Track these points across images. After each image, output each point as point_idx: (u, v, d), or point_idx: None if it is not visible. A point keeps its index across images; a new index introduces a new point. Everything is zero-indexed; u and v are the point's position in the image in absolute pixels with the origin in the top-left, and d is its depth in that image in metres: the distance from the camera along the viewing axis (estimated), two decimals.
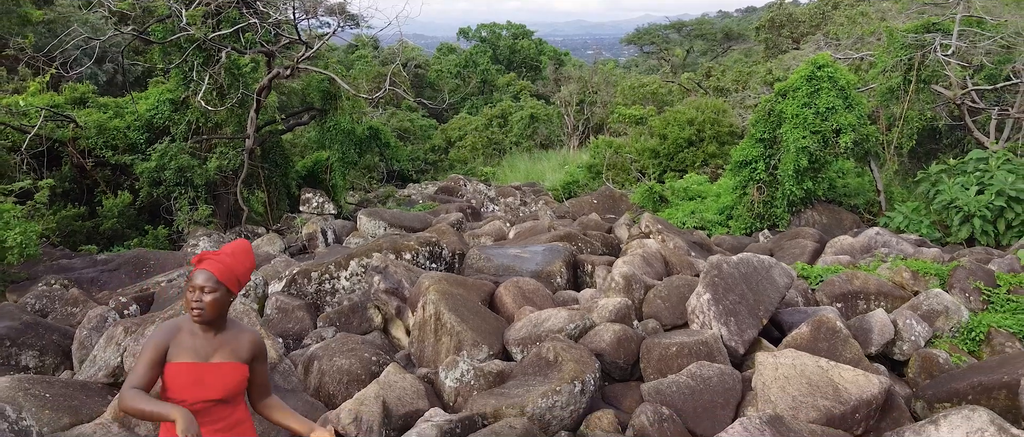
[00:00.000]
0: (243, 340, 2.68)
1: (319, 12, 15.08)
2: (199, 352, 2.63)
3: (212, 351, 2.63)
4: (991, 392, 4.86)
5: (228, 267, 2.62)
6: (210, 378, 2.59)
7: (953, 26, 11.74)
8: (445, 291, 5.86)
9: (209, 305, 2.57)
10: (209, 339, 2.64)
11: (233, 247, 2.72)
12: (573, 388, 4.64)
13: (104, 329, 6.40)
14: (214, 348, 2.64)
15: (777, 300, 5.76)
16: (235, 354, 2.66)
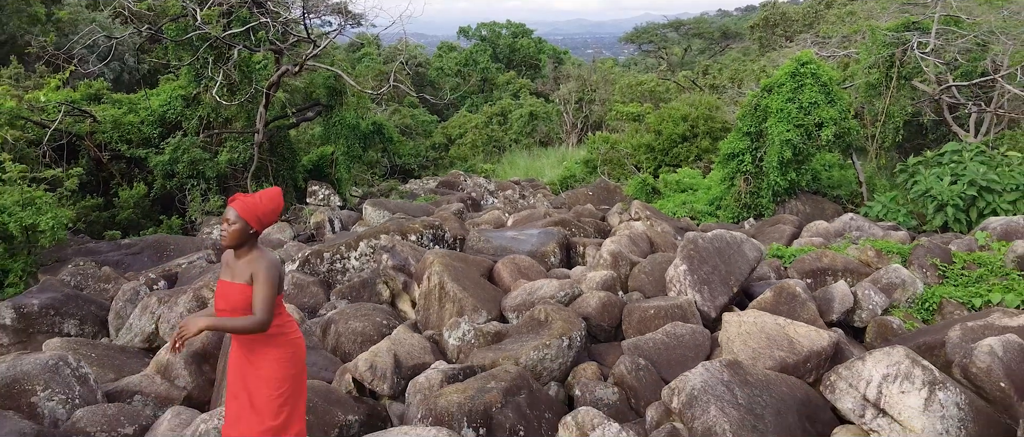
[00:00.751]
0: (252, 265, 3.32)
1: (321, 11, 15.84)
2: (228, 273, 3.34)
3: (235, 273, 3.33)
4: (933, 349, 5.57)
5: (251, 206, 3.31)
6: (222, 293, 3.28)
7: (932, 25, 12.46)
8: (448, 264, 6.59)
9: (231, 234, 3.27)
10: (236, 263, 3.33)
11: (263, 192, 3.42)
12: (561, 343, 5.36)
13: (137, 301, 7.14)
14: (236, 271, 3.33)
15: (747, 271, 6.49)
16: (242, 277, 3.31)
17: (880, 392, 4.16)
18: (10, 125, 11.91)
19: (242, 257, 3.31)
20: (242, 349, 3.31)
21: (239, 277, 3.28)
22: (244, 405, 3.35)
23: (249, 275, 3.25)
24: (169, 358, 5.58)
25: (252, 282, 3.23)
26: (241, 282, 3.27)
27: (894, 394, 4.11)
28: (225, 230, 3.25)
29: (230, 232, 3.25)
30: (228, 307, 3.25)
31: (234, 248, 3.31)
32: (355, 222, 12.18)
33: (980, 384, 4.34)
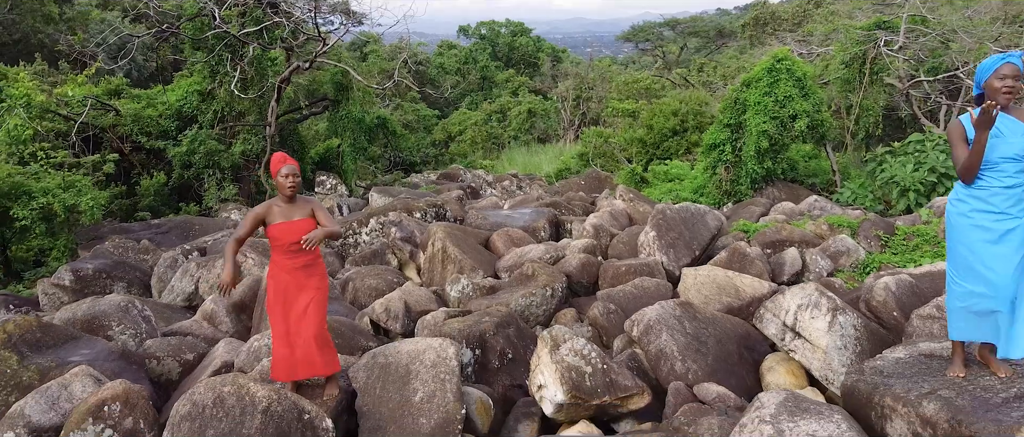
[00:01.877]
0: (309, 204, 4.47)
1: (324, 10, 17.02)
2: (286, 216, 4.47)
3: (293, 214, 4.46)
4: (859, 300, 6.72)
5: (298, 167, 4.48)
6: (294, 229, 4.41)
7: (900, 24, 13.63)
8: (450, 232, 7.76)
9: (296, 185, 4.42)
10: (289, 208, 4.46)
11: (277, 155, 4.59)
12: (545, 292, 6.52)
13: (177, 267, 8.31)
14: (293, 212, 4.46)
15: (708, 238, 7.65)
16: (303, 214, 4.45)
17: (796, 318, 5.31)
18: (40, 118, 13.10)
19: (296, 202, 4.47)
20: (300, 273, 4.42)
21: (300, 215, 4.42)
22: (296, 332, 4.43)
23: (310, 210, 4.42)
24: (213, 307, 6.74)
25: (313, 215, 4.40)
26: (304, 218, 4.41)
27: (806, 319, 5.26)
28: (293, 183, 4.39)
29: (296, 184, 4.41)
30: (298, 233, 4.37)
31: (290, 198, 4.45)
32: (362, 209, 13.34)
33: (878, 314, 5.50)
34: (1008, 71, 3.37)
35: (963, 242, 3.45)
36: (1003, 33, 13.79)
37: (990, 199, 3.36)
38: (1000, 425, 3.04)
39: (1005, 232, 3.33)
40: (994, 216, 3.35)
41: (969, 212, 3.42)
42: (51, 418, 4.39)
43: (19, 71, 14.09)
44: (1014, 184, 3.32)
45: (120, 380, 4.41)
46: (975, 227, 3.40)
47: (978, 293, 3.39)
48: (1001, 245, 3.34)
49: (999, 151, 3.34)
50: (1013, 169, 3.33)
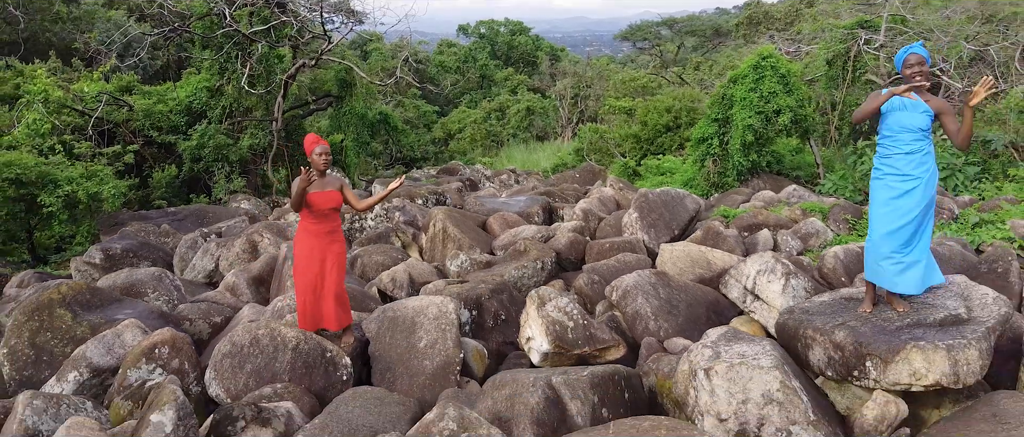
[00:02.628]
0: (337, 180, 5.30)
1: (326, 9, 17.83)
2: (321, 187, 5.26)
3: (326, 186, 5.26)
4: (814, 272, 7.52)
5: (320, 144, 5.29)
6: (327, 198, 5.21)
7: (882, 23, 14.43)
8: (450, 214, 8.57)
9: (328, 162, 5.21)
10: (322, 182, 5.27)
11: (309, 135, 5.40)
12: (536, 265, 7.33)
13: (197, 248, 9.12)
14: (326, 185, 5.26)
15: (687, 219, 8.46)
16: (335, 187, 5.26)
17: (755, 282, 6.12)
18: (57, 113, 13.92)
19: (326, 177, 5.28)
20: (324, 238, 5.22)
21: (332, 188, 5.22)
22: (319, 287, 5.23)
23: (339, 185, 5.23)
24: (234, 280, 7.55)
25: (342, 190, 5.22)
26: (335, 190, 5.21)
27: (763, 283, 6.06)
28: (326, 160, 5.19)
29: (328, 160, 5.21)
30: (334, 203, 5.18)
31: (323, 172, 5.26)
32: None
33: (828, 278, 6.30)
34: (913, 59, 4.20)
35: (877, 198, 4.27)
36: (979, 32, 14.61)
37: (895, 163, 4.19)
38: (890, 345, 3.85)
39: (908, 190, 4.15)
40: (898, 177, 4.17)
41: (881, 175, 4.25)
42: (108, 360, 5.19)
43: (37, 68, 14.91)
44: (912, 151, 4.15)
45: (167, 328, 5.22)
46: (885, 186, 4.23)
47: (883, 239, 4.22)
48: (904, 199, 4.16)
49: (901, 122, 4.17)
50: (911, 138, 4.15)
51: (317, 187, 5.19)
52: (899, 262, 4.19)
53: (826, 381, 4.28)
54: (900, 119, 4.18)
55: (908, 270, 4.16)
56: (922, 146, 4.17)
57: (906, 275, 4.16)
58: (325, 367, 4.81)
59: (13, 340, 5.66)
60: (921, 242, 4.22)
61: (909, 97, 4.19)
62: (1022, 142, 13.49)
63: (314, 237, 5.17)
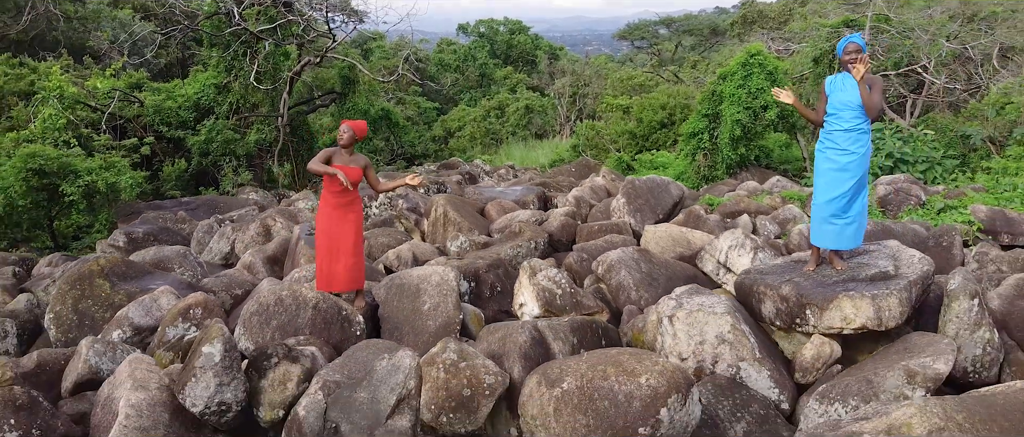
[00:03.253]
0: (360, 158, 6.03)
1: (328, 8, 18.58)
2: (344, 161, 5.98)
3: (349, 162, 5.98)
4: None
5: (356, 127, 6.01)
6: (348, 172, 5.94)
7: (866, 22, 15.18)
8: (450, 200, 9.30)
9: (349, 139, 5.93)
10: (347, 159, 5.99)
11: (360, 121, 6.12)
12: (530, 244, 8.05)
13: (213, 232, 9.85)
14: (350, 161, 5.99)
15: (671, 204, 9.19)
16: (356, 164, 5.99)
17: (727, 256, 6.84)
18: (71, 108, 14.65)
19: (352, 154, 6.01)
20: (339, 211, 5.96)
21: (355, 164, 5.95)
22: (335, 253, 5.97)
23: (363, 163, 5.96)
24: (251, 259, 8.28)
25: (363, 167, 5.93)
26: (356, 166, 5.94)
27: (734, 257, 6.79)
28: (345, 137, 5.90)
29: (348, 138, 5.93)
30: (355, 178, 5.90)
31: (347, 148, 5.98)
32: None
33: (794, 251, 7.03)
34: (852, 48, 4.94)
35: (820, 169, 5.02)
36: (960, 32, 15.36)
37: (836, 139, 4.93)
38: (826, 296, 4.59)
39: (845, 163, 4.90)
40: (838, 151, 4.92)
41: (824, 148, 5.00)
42: (147, 321, 5.92)
43: (51, 65, 15.65)
44: (850, 128, 4.89)
45: (199, 292, 5.95)
46: (827, 159, 4.98)
47: (825, 205, 4.96)
48: (842, 171, 4.90)
49: (841, 100, 4.91)
50: (851, 115, 4.89)
51: (340, 160, 5.93)
52: (837, 224, 4.93)
53: (776, 331, 5.01)
54: (841, 97, 4.93)
55: (846, 229, 4.91)
56: (859, 125, 4.90)
57: (844, 234, 4.91)
58: (341, 323, 5.54)
59: (58, 306, 6.39)
60: (856, 206, 4.97)
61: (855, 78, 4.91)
62: (999, 137, 14.25)
63: (333, 207, 5.91)
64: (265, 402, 4.30)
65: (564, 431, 3.67)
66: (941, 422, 2.71)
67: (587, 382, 3.74)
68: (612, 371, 3.76)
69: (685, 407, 3.71)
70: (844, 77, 4.97)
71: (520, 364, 4.29)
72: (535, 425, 3.79)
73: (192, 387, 4.08)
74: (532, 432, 3.82)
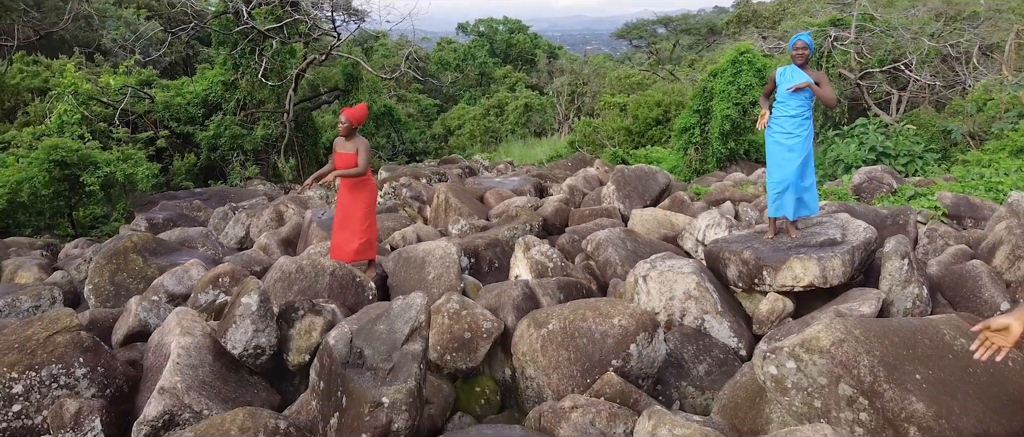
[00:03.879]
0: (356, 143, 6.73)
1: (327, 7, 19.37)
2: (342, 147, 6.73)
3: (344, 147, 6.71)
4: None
5: (352, 114, 6.76)
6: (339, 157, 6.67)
7: (852, 21, 15.95)
8: (452, 187, 10.06)
9: (344, 128, 6.68)
10: (346, 143, 6.73)
11: (359, 105, 6.88)
12: (525, 227, 8.81)
13: (228, 219, 10.61)
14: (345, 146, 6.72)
15: (658, 191, 9.95)
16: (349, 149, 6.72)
17: (704, 234, 7.60)
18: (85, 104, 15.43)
19: (350, 139, 6.76)
20: (348, 189, 6.73)
21: (346, 150, 6.71)
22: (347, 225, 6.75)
23: (355, 148, 6.71)
24: (267, 241, 9.04)
25: (356, 151, 6.68)
26: (347, 152, 6.70)
27: (710, 234, 7.55)
28: (341, 126, 6.66)
29: (344, 127, 6.69)
30: (343, 164, 6.66)
31: (346, 137, 6.74)
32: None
33: None
34: (800, 45, 5.69)
35: (770, 151, 5.78)
36: (942, 30, 16.13)
37: (783, 124, 5.69)
38: (780, 259, 5.35)
39: (792, 145, 5.66)
40: (784, 134, 5.68)
41: (772, 133, 5.76)
42: (180, 289, 6.68)
43: (65, 63, 16.42)
44: (795, 114, 5.65)
45: (227, 262, 6.71)
46: (775, 142, 5.73)
47: (777, 182, 5.72)
48: (789, 152, 5.66)
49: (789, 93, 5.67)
50: (795, 103, 5.65)
51: (341, 149, 6.70)
52: (790, 197, 5.70)
53: (740, 292, 5.77)
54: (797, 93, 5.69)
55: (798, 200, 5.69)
56: (803, 111, 5.66)
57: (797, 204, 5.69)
58: (355, 289, 6.29)
59: (96, 278, 7.15)
60: (805, 181, 5.74)
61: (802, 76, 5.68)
62: (980, 132, 15.02)
63: (347, 186, 6.69)
64: (293, 348, 5.06)
65: (549, 363, 4.42)
66: (842, 335, 3.46)
67: (569, 323, 4.50)
68: (590, 314, 4.52)
69: (651, 344, 4.46)
70: (793, 70, 5.73)
71: (513, 314, 5.04)
72: (525, 360, 4.55)
73: (232, 332, 4.84)
74: (523, 367, 4.57)
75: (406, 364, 3.87)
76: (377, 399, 3.63)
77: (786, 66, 5.86)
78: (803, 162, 5.71)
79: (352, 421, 3.74)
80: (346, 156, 6.69)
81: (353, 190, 6.75)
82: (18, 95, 16.35)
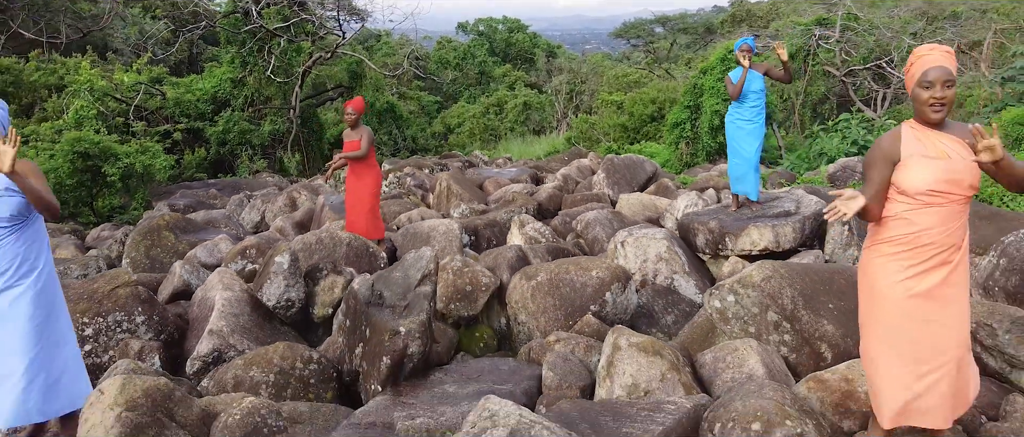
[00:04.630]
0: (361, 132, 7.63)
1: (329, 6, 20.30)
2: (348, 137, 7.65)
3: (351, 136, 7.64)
4: None
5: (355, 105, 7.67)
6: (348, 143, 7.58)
7: (837, 20, 16.88)
8: (453, 175, 10.98)
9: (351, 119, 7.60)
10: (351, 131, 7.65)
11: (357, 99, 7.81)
12: (521, 210, 9.72)
13: (243, 205, 11.52)
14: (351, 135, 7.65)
15: (644, 178, 10.87)
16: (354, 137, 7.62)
17: (682, 213, 8.50)
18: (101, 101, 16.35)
19: (355, 128, 7.66)
20: (355, 174, 7.64)
21: (352, 138, 7.62)
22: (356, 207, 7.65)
23: (360, 135, 7.62)
24: (282, 224, 9.95)
25: (361, 138, 7.59)
26: (352, 140, 7.61)
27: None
28: (347, 116, 7.57)
29: (351, 118, 7.59)
30: (350, 149, 7.57)
31: (352, 126, 7.64)
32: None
33: None
34: (744, 48, 6.61)
35: (732, 135, 6.69)
36: (925, 29, 17.05)
37: (743, 113, 6.61)
38: (740, 227, 6.26)
39: (750, 130, 6.57)
40: (745, 121, 6.59)
41: (734, 120, 6.67)
42: (210, 260, 7.58)
43: (80, 61, 17.35)
44: (754, 104, 6.57)
45: (254, 235, 7.61)
46: (737, 127, 6.65)
47: (738, 163, 6.64)
48: (747, 136, 6.57)
49: (749, 87, 6.59)
50: (755, 97, 6.56)
51: (348, 138, 7.61)
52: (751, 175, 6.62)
53: (708, 259, 6.68)
54: (749, 84, 6.60)
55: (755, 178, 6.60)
56: (759, 102, 6.58)
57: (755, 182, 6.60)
58: (369, 257, 7.20)
59: (133, 252, 8.05)
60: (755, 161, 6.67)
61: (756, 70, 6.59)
62: None
63: (354, 171, 7.62)
64: (318, 302, 5.96)
65: (537, 309, 5.33)
66: (770, 273, 4.36)
67: (555, 276, 5.40)
68: (573, 268, 5.42)
69: (624, 294, 5.36)
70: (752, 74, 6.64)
71: (507, 272, 5.94)
72: (518, 308, 5.45)
73: (267, 287, 5.74)
74: (516, 314, 5.47)
75: (418, 302, 4.77)
76: (395, 328, 4.54)
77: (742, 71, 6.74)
78: (759, 146, 6.63)
79: (374, 348, 4.64)
80: (354, 143, 7.61)
81: (360, 175, 7.66)
82: (35, 92, 17.27)
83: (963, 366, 3.08)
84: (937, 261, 3.00)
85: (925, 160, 2.98)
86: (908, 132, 3.08)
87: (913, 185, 2.96)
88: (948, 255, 3.01)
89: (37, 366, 3.52)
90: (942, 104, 2.97)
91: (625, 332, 4.09)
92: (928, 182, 2.94)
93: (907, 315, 3.02)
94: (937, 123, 3.03)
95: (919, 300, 3.01)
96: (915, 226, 2.99)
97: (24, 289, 3.49)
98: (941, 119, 3.01)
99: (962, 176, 2.94)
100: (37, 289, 3.53)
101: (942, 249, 2.99)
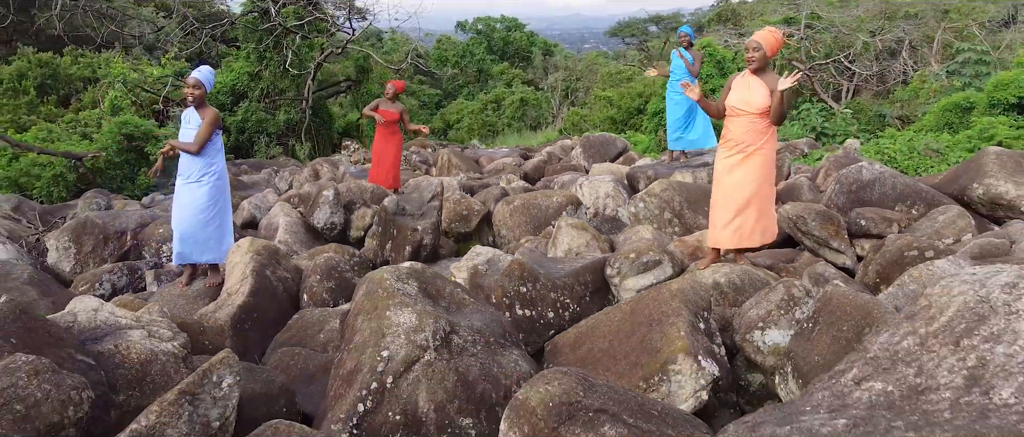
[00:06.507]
0: (398, 106, 10.12)
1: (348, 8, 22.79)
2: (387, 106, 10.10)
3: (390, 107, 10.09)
4: None
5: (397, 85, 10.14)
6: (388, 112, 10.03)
7: (802, 19, 19.36)
8: (453, 151, 13.44)
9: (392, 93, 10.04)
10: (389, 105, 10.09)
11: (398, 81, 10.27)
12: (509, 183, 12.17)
13: (272, 178, 13.97)
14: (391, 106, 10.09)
15: (615, 153, 13.33)
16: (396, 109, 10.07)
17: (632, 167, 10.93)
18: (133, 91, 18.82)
19: (392, 102, 10.10)
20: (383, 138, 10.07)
21: (393, 108, 10.04)
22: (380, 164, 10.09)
23: (400, 109, 10.05)
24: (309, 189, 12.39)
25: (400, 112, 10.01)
26: (394, 110, 10.03)
27: None
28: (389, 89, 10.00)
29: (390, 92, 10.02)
30: (391, 118, 9.99)
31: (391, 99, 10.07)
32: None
33: None
34: (684, 34, 9.08)
35: (668, 106, 9.15)
36: (881, 27, 19.53)
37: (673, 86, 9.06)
38: (668, 172, 8.71)
39: (679, 99, 9.02)
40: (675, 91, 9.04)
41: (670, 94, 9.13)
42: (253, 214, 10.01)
43: (112, 56, 19.84)
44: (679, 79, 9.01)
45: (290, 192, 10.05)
46: (671, 99, 9.10)
47: (671, 124, 9.09)
48: (677, 104, 9.03)
49: (677, 65, 9.04)
50: (680, 74, 9.02)
51: (384, 105, 10.05)
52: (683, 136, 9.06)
53: None
54: (677, 64, 9.06)
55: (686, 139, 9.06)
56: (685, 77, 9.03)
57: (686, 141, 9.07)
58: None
59: None
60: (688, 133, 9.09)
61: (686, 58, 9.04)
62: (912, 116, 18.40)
63: (381, 134, 10.06)
64: (353, 226, 8.40)
65: (515, 224, 7.75)
66: (666, 186, 6.78)
67: (527, 201, 7.83)
68: (540, 196, 7.85)
69: (576, 213, 7.79)
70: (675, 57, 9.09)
71: (494, 203, 8.38)
72: (500, 225, 7.88)
73: (317, 213, 8.18)
74: (499, 229, 7.90)
75: (430, 212, 7.22)
76: (414, 227, 6.98)
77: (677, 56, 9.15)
78: (688, 110, 9.07)
79: (400, 242, 7.09)
80: (391, 113, 10.03)
81: (387, 139, 10.11)
82: (70, 84, 19.75)
83: (760, 214, 5.50)
84: (737, 151, 5.43)
85: (737, 91, 5.40)
86: (738, 76, 5.50)
87: (729, 103, 5.39)
88: (741, 148, 5.43)
89: (195, 229, 5.98)
90: (750, 59, 5.37)
91: (565, 217, 6.53)
92: (733, 101, 5.37)
93: (720, 179, 5.47)
94: (754, 72, 5.43)
95: (725, 171, 5.45)
96: (727, 130, 5.43)
97: (201, 184, 5.95)
98: (753, 69, 5.42)
99: (752, 101, 5.37)
100: (210, 184, 5.98)
101: (738, 144, 5.42)
